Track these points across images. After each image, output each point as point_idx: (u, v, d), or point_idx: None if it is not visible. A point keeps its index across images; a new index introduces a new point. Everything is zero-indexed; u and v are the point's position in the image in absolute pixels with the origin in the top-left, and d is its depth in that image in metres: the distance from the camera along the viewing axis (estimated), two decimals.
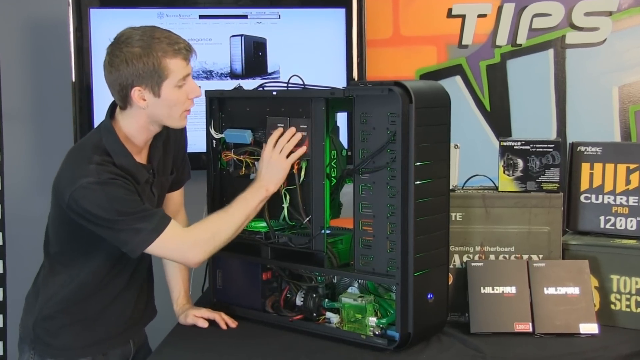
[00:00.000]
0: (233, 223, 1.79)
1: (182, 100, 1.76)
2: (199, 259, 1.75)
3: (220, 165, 1.98)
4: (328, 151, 1.81)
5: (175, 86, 1.74)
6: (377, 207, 1.73)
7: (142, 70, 1.71)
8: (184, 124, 1.81)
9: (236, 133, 1.93)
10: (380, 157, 1.71)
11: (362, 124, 1.73)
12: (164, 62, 1.71)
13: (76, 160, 1.74)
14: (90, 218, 1.70)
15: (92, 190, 1.68)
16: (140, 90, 1.73)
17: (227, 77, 2.61)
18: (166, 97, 1.74)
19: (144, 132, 1.80)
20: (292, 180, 1.85)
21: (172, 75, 1.72)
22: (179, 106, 1.76)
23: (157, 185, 1.87)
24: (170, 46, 1.71)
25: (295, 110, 1.84)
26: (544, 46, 2.72)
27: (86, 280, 1.81)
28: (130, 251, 1.72)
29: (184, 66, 1.74)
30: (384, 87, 1.68)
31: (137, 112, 1.76)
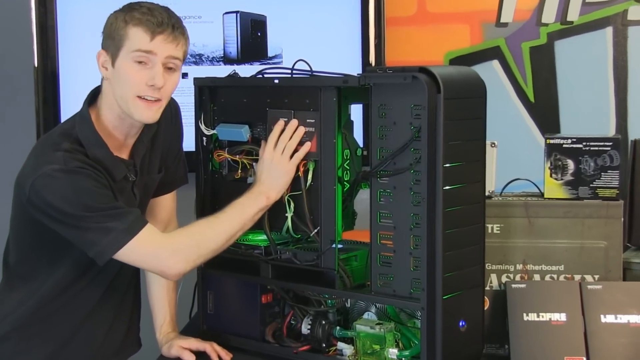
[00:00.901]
0: (224, 231, 1.80)
1: (135, 81, 1.78)
2: (179, 269, 1.76)
3: (212, 167, 2.00)
4: (340, 150, 1.82)
5: (130, 59, 1.77)
6: (398, 217, 1.74)
7: (107, 30, 1.79)
8: (147, 117, 1.81)
9: (231, 129, 1.94)
10: (402, 157, 1.72)
11: (381, 118, 1.75)
12: (125, 28, 1.77)
13: (42, 148, 1.77)
14: (52, 213, 1.70)
15: (56, 179, 1.69)
16: (104, 54, 1.80)
17: (220, 62, 2.63)
18: (120, 68, 1.78)
19: (116, 119, 1.82)
20: (297, 185, 1.86)
21: (127, 43, 1.77)
22: (130, 85, 1.78)
23: (140, 186, 1.89)
24: (140, 14, 1.76)
25: (301, 101, 1.85)
26: (600, 24, 2.72)
27: (47, 294, 1.82)
28: (97, 255, 1.72)
29: (143, 39, 1.76)
30: (407, 74, 1.69)
31: (106, 87, 1.82)
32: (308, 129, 1.85)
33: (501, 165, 2.02)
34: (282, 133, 1.85)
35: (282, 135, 1.84)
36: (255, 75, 1.94)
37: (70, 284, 1.83)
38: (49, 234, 1.75)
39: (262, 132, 1.92)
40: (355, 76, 1.77)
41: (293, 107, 1.87)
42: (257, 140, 1.93)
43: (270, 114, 1.90)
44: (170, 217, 2.05)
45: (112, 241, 1.70)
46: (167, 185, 2.01)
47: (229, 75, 1.97)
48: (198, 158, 2.00)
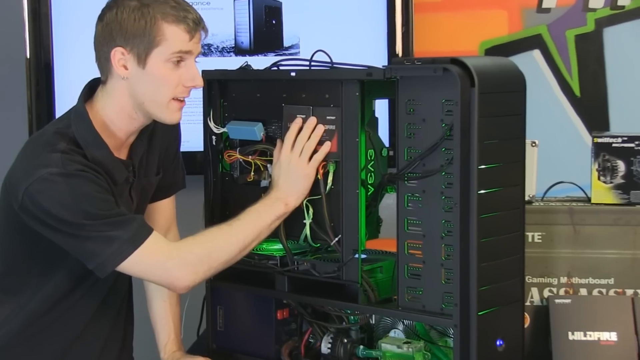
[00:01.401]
0: (237, 240, 1.80)
1: (172, 83, 1.79)
2: (188, 281, 1.76)
3: (222, 169, 2.01)
4: (363, 151, 1.82)
5: (166, 60, 1.78)
6: (428, 224, 1.74)
7: (131, 27, 1.76)
8: (176, 119, 1.84)
9: (243, 127, 1.95)
10: (433, 158, 1.72)
11: (409, 115, 1.74)
12: (160, 25, 1.76)
13: (35, 149, 1.76)
14: (48, 221, 1.70)
15: (54, 184, 1.69)
16: (123, 52, 1.77)
17: (231, 53, 2.64)
18: (152, 70, 1.78)
19: (126, 119, 1.83)
20: (316, 189, 1.86)
21: (165, 43, 1.77)
22: (167, 88, 1.79)
23: (137, 189, 1.90)
24: (174, 10, 1.77)
25: (320, 96, 1.86)
26: None
27: (36, 310, 1.82)
28: (98, 267, 1.72)
29: (184, 39, 1.78)
30: (437, 66, 1.68)
31: (118, 87, 1.81)
32: (328, 127, 1.85)
33: (543, 167, 2.02)
34: (299, 132, 1.85)
35: (299, 134, 1.84)
36: (269, 67, 1.94)
37: (61, 298, 1.83)
38: (41, 243, 1.76)
39: (278, 130, 1.93)
40: (380, 68, 1.77)
41: (311, 103, 1.87)
42: (271, 139, 1.93)
43: (286, 110, 1.90)
44: (169, 224, 2.06)
45: (116, 251, 1.70)
46: (165, 189, 2.02)
47: (241, 67, 1.98)
48: (206, 159, 2.01)
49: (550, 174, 2.07)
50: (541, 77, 2.79)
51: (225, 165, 2.01)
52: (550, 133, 2.62)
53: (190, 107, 1.98)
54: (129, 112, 1.82)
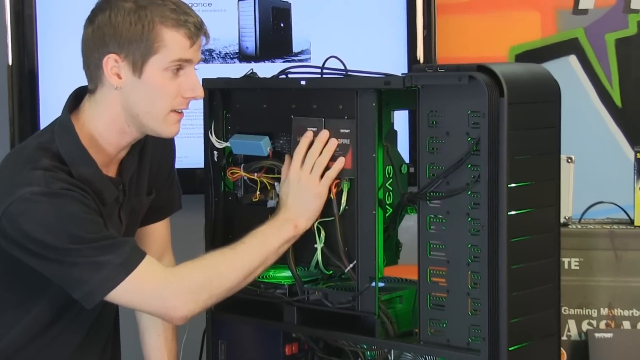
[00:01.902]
0: (241, 266, 1.79)
1: (171, 93, 1.80)
2: (186, 311, 1.75)
3: (225, 188, 2.01)
4: (381, 167, 1.82)
5: (165, 69, 1.78)
6: (452, 248, 1.74)
7: (126, 31, 1.76)
8: (174, 132, 1.84)
9: (247, 141, 1.95)
10: (457, 175, 1.72)
11: (431, 128, 1.75)
12: (159, 30, 1.76)
13: (15, 166, 1.76)
14: (30, 245, 1.69)
15: (36, 204, 1.68)
16: (116, 59, 1.77)
17: (235, 60, 2.65)
18: (149, 79, 1.78)
19: (117, 133, 1.83)
20: (328, 210, 1.86)
21: (164, 50, 1.77)
22: (165, 99, 1.79)
23: (127, 210, 1.90)
24: (174, 13, 1.77)
25: (333, 107, 1.86)
26: None
27: (13, 343, 1.81)
28: (86, 296, 1.70)
29: (184, 45, 1.78)
30: (463, 74, 1.68)
31: (109, 97, 1.81)
32: (342, 141, 1.85)
33: (580, 185, 2.02)
34: (310, 146, 1.85)
35: (310, 149, 1.84)
36: (277, 75, 1.95)
37: (42, 331, 1.82)
38: (21, 270, 1.74)
39: (286, 144, 1.93)
40: (399, 76, 1.77)
41: (324, 114, 1.87)
42: (279, 155, 1.93)
43: (295, 122, 1.91)
44: (163, 249, 2.06)
45: (105, 278, 1.69)
46: (159, 211, 2.02)
47: (246, 75, 1.98)
48: (207, 177, 2.00)
49: (588, 193, 2.07)
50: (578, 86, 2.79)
51: (228, 184, 2.00)
52: (588, 147, 2.62)
53: (190, 119, 1.98)
54: (120, 125, 1.82)
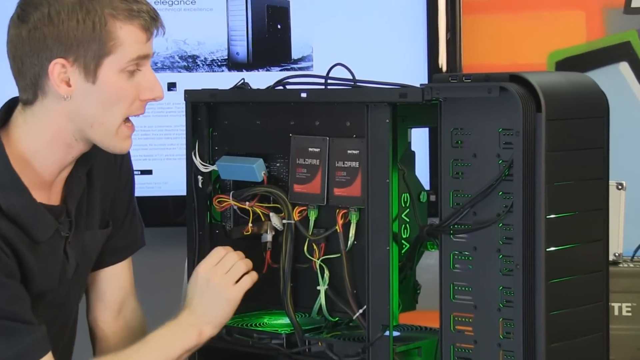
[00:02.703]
0: None
1: (130, 97, 1.80)
2: None
3: (211, 219, 2.02)
4: (396, 195, 1.82)
5: (121, 70, 1.78)
6: (480, 291, 1.73)
7: (73, 31, 1.75)
8: (127, 146, 1.84)
9: (238, 164, 1.96)
10: (487, 204, 1.71)
11: (455, 148, 1.74)
12: (112, 26, 1.76)
13: None
14: None
15: None
16: (64, 65, 1.76)
17: (223, 68, 2.66)
18: (105, 83, 1.77)
19: (60, 149, 1.82)
20: (333, 245, 1.87)
21: (120, 49, 1.77)
22: (122, 106, 1.79)
23: (76, 246, 1.89)
24: (124, 3, 1.76)
25: (339, 124, 1.87)
26: None
27: None
28: None
29: (140, 40, 1.79)
30: (493, 85, 1.68)
31: (53, 108, 1.79)
32: (349, 164, 1.86)
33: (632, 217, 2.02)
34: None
35: (230, 253, 1.89)
36: (273, 86, 1.95)
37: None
38: None
39: (283, 168, 1.94)
40: (417, 87, 1.77)
41: (328, 133, 1.88)
42: (275, 180, 1.95)
43: (295, 142, 1.92)
44: (124, 296, 2.06)
45: None
46: (118, 252, 2.02)
47: (236, 86, 1.99)
48: (190, 206, 2.01)
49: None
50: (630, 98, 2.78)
51: (215, 215, 2.01)
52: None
53: (170, 137, 2.00)
54: (65, 140, 1.81)
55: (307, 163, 1.91)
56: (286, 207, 1.93)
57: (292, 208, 1.93)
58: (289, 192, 1.93)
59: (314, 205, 1.91)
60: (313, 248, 1.91)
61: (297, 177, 1.92)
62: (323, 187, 1.89)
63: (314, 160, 1.90)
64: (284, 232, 1.94)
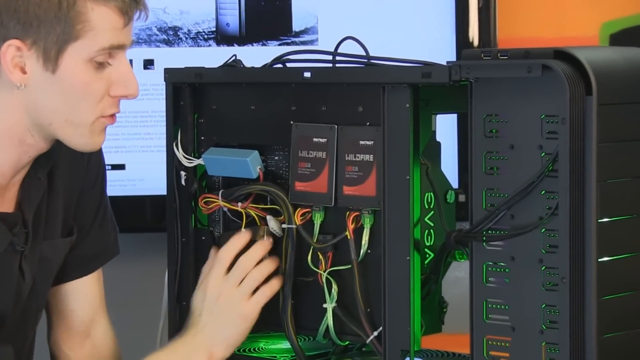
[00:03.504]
0: None
1: (98, 93, 1.80)
2: None
3: (197, 223, 2.03)
4: (418, 194, 1.84)
5: (89, 59, 1.78)
6: (519, 310, 1.73)
7: (34, 8, 1.75)
8: (99, 144, 1.84)
9: (229, 158, 1.97)
10: (527, 206, 1.72)
11: (489, 139, 1.75)
12: (82, 6, 1.76)
13: None
14: None
15: None
16: (20, 47, 1.77)
17: (211, 42, 2.67)
18: (67, 74, 1.77)
19: (13, 148, 1.83)
20: (343, 254, 1.88)
21: (90, 34, 1.77)
22: (89, 102, 1.80)
23: (33, 259, 1.89)
24: None
25: (349, 109, 1.88)
26: None
27: None
28: None
29: (116, 25, 1.79)
30: (534, 63, 1.68)
31: (5, 98, 1.80)
32: (362, 158, 1.87)
33: None
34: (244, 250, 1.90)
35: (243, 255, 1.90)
36: (271, 64, 1.96)
37: None
38: None
39: (282, 162, 1.96)
40: (443, 66, 1.77)
41: (336, 120, 1.89)
42: (273, 177, 1.96)
43: (296, 131, 1.93)
44: (93, 315, 2.06)
45: None
46: (85, 262, 2.03)
47: (226, 64, 2.00)
48: (171, 208, 2.02)
49: None
50: None
51: (202, 218, 2.02)
52: None
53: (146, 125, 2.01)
54: (21, 137, 1.82)
55: (311, 156, 1.92)
56: (286, 209, 1.94)
57: (293, 210, 1.93)
58: (290, 191, 1.94)
59: (320, 206, 1.92)
60: (318, 258, 1.91)
61: (299, 172, 1.93)
62: (330, 185, 1.90)
63: (320, 153, 1.91)
64: (283, 239, 1.95)
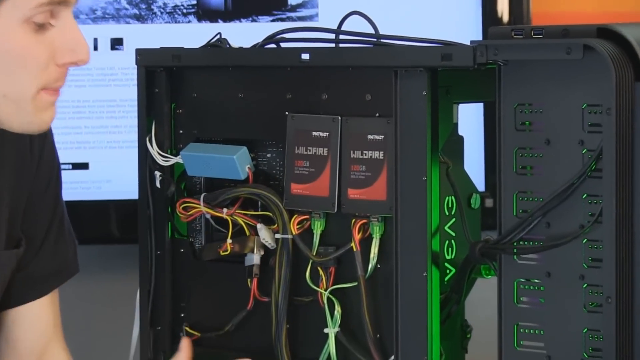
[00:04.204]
0: None
1: (41, 60, 1.78)
2: None
3: (174, 233, 2.06)
4: (437, 198, 1.86)
5: (26, 20, 1.77)
6: (556, 335, 1.75)
7: None
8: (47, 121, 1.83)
9: (212, 155, 1.99)
10: (566, 212, 1.73)
11: (521, 133, 1.76)
12: None
13: None
14: None
15: None
16: None
17: (190, 17, 2.69)
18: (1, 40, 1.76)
19: None
20: (347, 270, 1.89)
21: None
22: (31, 71, 1.79)
23: None
24: None
25: (356, 98, 1.89)
26: None
27: None
28: None
29: None
30: (574, 43, 1.69)
31: None
32: (371, 155, 1.88)
33: None
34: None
35: None
36: (262, 43, 1.98)
37: None
38: None
39: (276, 159, 1.98)
40: (467, 46, 1.79)
41: (339, 110, 1.90)
42: (266, 178, 1.98)
43: (293, 124, 1.94)
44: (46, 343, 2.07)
45: None
46: (39, 281, 2.04)
47: (209, 44, 2.01)
48: (144, 215, 2.04)
49: None
50: None
51: (180, 227, 2.05)
52: None
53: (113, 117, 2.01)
54: None
55: (310, 153, 1.93)
56: (280, 216, 1.95)
57: (288, 217, 1.95)
58: (285, 195, 1.95)
59: (320, 213, 1.93)
60: (318, 274, 1.93)
61: (295, 173, 1.94)
62: (333, 188, 1.91)
63: (320, 150, 1.92)
64: (277, 252, 1.96)
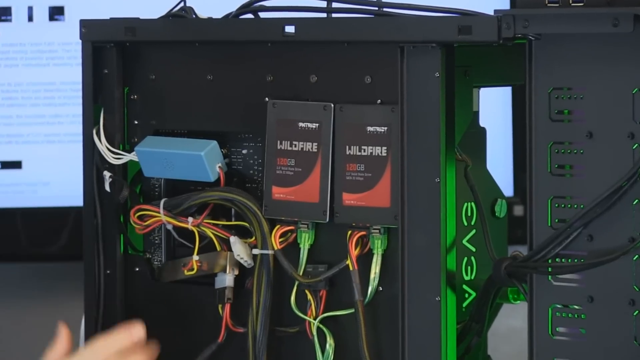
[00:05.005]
0: None
1: None
2: None
3: (128, 248, 2.09)
4: (453, 205, 1.87)
5: None
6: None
7: None
8: None
9: (175, 152, 2.01)
10: (613, 222, 1.73)
11: (557, 123, 1.77)
12: None
13: None
14: None
15: None
16: None
17: None
18: None
19: None
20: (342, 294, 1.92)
21: None
22: None
23: None
24: None
25: (352, 79, 1.90)
26: None
27: None
28: None
29: None
30: (622, 13, 1.69)
31: None
32: (371, 151, 1.88)
33: None
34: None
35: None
36: (236, 13, 2.00)
37: None
38: None
39: (254, 156, 2.00)
40: (490, 16, 1.79)
41: (333, 96, 1.92)
42: (241, 179, 2.00)
43: (274, 111, 1.96)
44: None
45: None
46: None
47: (171, 13, 2.03)
48: (89, 225, 2.08)
49: None
50: None
51: (135, 240, 2.08)
52: None
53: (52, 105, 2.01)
54: None
55: (295, 149, 1.96)
56: (259, 227, 1.97)
57: (269, 228, 1.96)
58: (265, 201, 1.98)
59: (309, 223, 1.95)
60: (306, 299, 1.95)
61: (278, 173, 1.97)
62: (324, 192, 1.93)
63: (309, 144, 1.94)
64: (254, 271, 1.98)
